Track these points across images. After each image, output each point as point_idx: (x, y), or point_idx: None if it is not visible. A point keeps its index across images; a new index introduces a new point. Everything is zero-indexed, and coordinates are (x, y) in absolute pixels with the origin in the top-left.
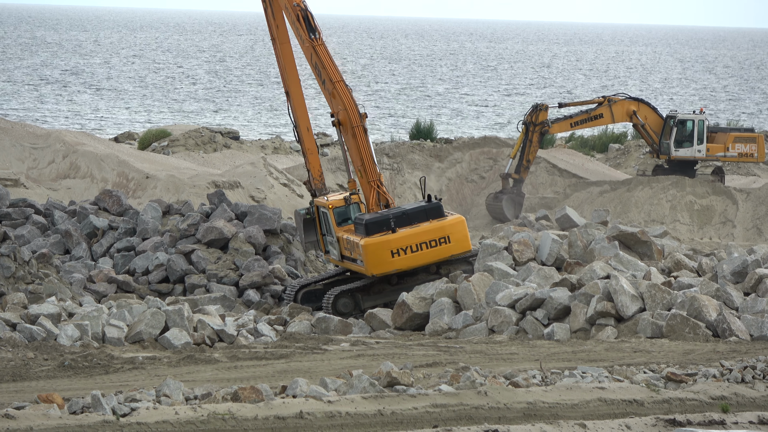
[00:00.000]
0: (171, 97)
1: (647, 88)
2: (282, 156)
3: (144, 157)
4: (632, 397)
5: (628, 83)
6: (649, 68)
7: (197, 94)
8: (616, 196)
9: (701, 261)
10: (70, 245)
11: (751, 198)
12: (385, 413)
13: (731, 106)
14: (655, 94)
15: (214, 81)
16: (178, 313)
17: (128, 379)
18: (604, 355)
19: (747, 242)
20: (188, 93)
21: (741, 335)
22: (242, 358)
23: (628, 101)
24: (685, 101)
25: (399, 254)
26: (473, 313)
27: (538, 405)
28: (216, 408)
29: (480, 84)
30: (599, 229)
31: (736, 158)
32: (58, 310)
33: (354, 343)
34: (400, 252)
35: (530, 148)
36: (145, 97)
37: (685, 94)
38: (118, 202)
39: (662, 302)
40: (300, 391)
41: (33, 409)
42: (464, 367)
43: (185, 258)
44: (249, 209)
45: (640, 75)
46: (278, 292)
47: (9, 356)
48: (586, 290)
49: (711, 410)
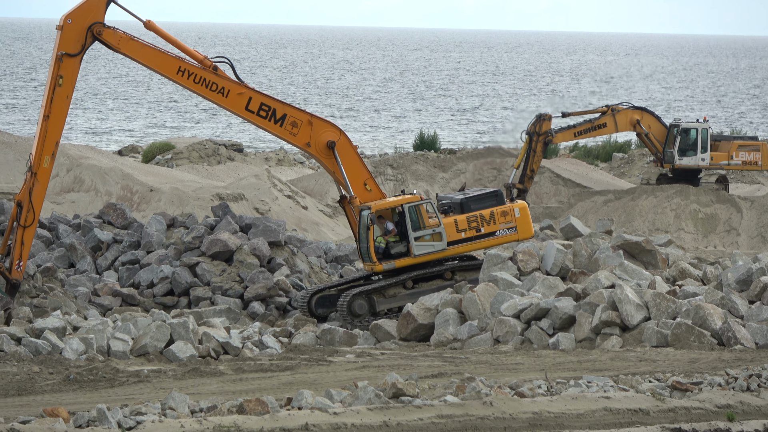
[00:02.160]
0: (175, 109)
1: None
2: (286, 168)
3: (148, 170)
4: (638, 407)
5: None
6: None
7: (201, 105)
8: (620, 206)
9: (706, 269)
10: (74, 259)
11: (756, 206)
12: (390, 424)
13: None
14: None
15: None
16: (183, 325)
17: (133, 392)
18: (609, 365)
19: (751, 250)
20: (193, 104)
21: (746, 343)
22: (247, 370)
23: (631, 110)
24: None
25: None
26: (478, 323)
27: (543, 415)
28: (221, 420)
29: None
30: (604, 239)
31: (740, 166)
32: (63, 323)
33: (359, 354)
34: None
35: (534, 158)
36: (150, 108)
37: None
38: (123, 216)
39: (667, 311)
40: (305, 403)
41: (39, 423)
42: (469, 377)
43: (190, 270)
44: (253, 221)
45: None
46: (283, 304)
47: (14, 370)
48: (591, 300)
49: (716, 419)
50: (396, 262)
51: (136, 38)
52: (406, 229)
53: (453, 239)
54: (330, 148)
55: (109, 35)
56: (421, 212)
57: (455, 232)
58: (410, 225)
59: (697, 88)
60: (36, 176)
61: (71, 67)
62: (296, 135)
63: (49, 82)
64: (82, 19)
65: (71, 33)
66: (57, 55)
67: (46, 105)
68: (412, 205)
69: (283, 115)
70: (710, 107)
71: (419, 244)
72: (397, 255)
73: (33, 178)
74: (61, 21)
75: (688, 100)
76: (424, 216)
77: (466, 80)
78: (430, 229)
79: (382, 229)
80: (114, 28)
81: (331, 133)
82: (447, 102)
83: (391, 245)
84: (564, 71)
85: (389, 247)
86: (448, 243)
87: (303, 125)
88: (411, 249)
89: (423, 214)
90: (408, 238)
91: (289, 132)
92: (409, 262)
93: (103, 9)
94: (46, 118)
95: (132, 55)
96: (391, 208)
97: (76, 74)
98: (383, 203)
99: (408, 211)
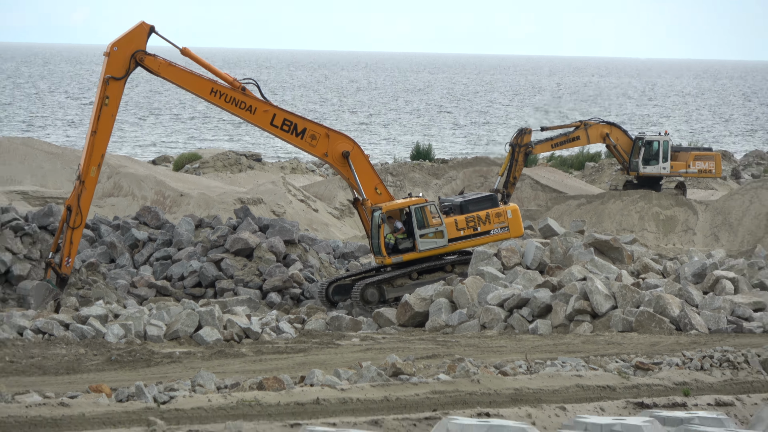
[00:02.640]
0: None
1: None
2: (299, 175)
3: (178, 178)
4: (606, 384)
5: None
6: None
7: (225, 118)
8: (591, 208)
9: (666, 264)
10: (114, 255)
11: (710, 209)
12: (390, 399)
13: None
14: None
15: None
16: (209, 313)
17: (167, 371)
18: (581, 347)
19: (706, 248)
20: (221, 119)
21: (700, 329)
22: (266, 352)
23: (601, 125)
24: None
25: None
26: (467, 311)
27: (523, 391)
28: (243, 396)
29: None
30: (577, 237)
31: (696, 174)
32: (105, 311)
33: (363, 338)
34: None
35: (516, 166)
36: (182, 123)
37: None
38: (157, 217)
39: (632, 301)
40: (316, 381)
41: (84, 398)
42: (459, 358)
43: (215, 265)
44: (270, 222)
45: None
46: (297, 294)
47: (63, 352)
48: (566, 291)
49: (674, 394)
50: (403, 256)
51: (174, 64)
52: (412, 227)
53: (453, 237)
54: (345, 158)
55: (150, 62)
56: (425, 213)
57: (455, 231)
58: (416, 224)
59: (664, 105)
60: (84, 184)
61: (116, 89)
62: (315, 146)
63: (97, 101)
64: (127, 47)
65: (117, 59)
66: (104, 78)
67: (94, 122)
68: (418, 207)
69: (303, 129)
70: (674, 122)
71: (424, 240)
72: (405, 250)
73: (81, 186)
74: (108, 48)
75: (655, 116)
76: (429, 216)
77: (464, 98)
78: (434, 228)
79: (392, 227)
80: (154, 55)
81: (346, 144)
82: (446, 117)
83: (399, 241)
84: (545, 90)
85: (397, 243)
86: (449, 240)
87: (321, 137)
88: (416, 245)
89: (427, 214)
90: (414, 236)
91: (308, 144)
92: (415, 257)
93: (145, 38)
94: (93, 134)
95: (170, 79)
96: (399, 209)
97: (121, 95)
98: (393, 204)
99: (414, 211)
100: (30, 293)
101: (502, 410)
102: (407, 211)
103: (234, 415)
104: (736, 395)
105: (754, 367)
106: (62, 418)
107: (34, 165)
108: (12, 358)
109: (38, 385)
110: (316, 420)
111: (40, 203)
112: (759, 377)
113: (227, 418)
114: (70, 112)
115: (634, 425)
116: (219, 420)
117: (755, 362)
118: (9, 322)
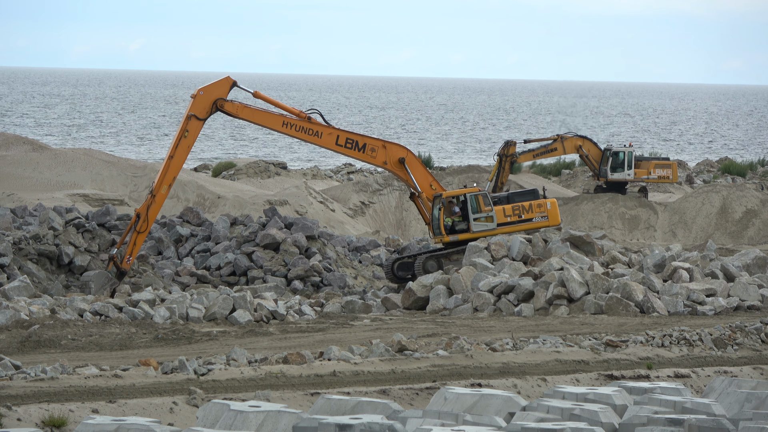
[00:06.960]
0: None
1: None
2: (318, 180)
3: (216, 182)
4: (580, 358)
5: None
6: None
7: (258, 132)
8: (567, 209)
9: (631, 256)
10: (161, 248)
11: (668, 209)
12: (396, 371)
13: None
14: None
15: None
16: (242, 298)
17: (206, 348)
18: (559, 327)
19: (665, 242)
20: (252, 132)
21: (661, 312)
22: (290, 331)
23: (575, 138)
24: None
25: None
26: (462, 296)
27: (510, 365)
28: (271, 369)
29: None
30: (555, 234)
31: (656, 180)
32: (153, 296)
33: (373, 319)
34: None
35: (503, 173)
36: (218, 134)
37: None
38: (197, 216)
39: (602, 287)
40: (333, 356)
41: (135, 371)
42: (455, 337)
43: (247, 257)
44: (294, 221)
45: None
46: (317, 282)
47: (117, 331)
48: (546, 279)
49: (639, 368)
50: (459, 236)
51: (249, 105)
52: (467, 212)
53: (501, 222)
54: (401, 163)
55: (229, 107)
56: (479, 200)
57: (503, 217)
58: (471, 209)
59: (633, 120)
60: (155, 198)
61: (196, 127)
62: (375, 158)
63: (178, 132)
64: (211, 94)
65: (201, 102)
66: (188, 114)
67: (173, 148)
68: (473, 195)
69: (363, 144)
70: (650, 136)
71: (477, 223)
72: (460, 231)
73: (152, 198)
74: (195, 91)
75: (625, 133)
76: (481, 203)
77: (465, 117)
78: (485, 213)
79: (450, 211)
80: (232, 101)
81: (401, 151)
82: (450, 130)
83: (455, 223)
84: (526, 110)
85: (454, 224)
86: (497, 224)
87: (379, 149)
88: (470, 227)
89: (480, 201)
90: (468, 219)
91: (370, 156)
92: (469, 237)
93: (228, 89)
94: (170, 158)
95: (248, 119)
96: (457, 196)
97: (198, 132)
98: (452, 192)
99: (470, 198)
100: (92, 280)
101: (492, 381)
102: (464, 198)
103: (263, 385)
104: (692, 368)
105: (707, 345)
106: (116, 387)
107: (94, 172)
108: (73, 336)
109: (95, 360)
110: (332, 389)
111: (98, 204)
112: (711, 353)
113: (257, 387)
114: (135, 126)
115: (604, 394)
116: (250, 389)
117: (708, 340)
118: (71, 305)
